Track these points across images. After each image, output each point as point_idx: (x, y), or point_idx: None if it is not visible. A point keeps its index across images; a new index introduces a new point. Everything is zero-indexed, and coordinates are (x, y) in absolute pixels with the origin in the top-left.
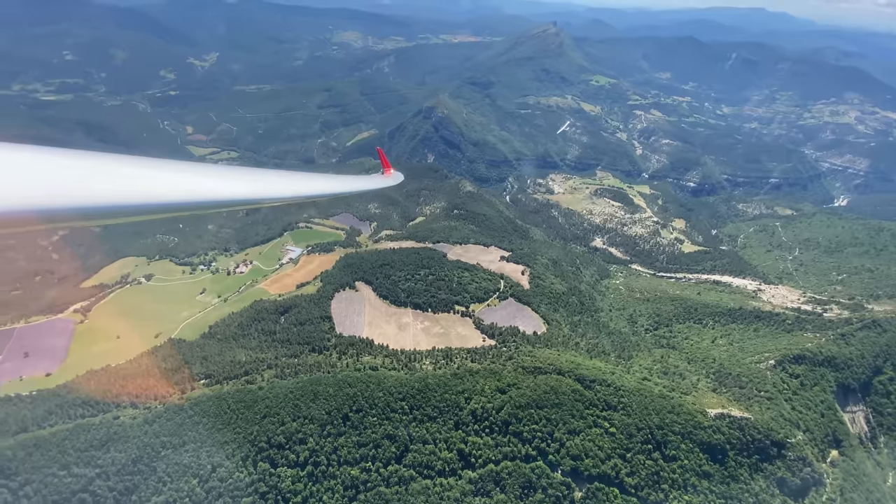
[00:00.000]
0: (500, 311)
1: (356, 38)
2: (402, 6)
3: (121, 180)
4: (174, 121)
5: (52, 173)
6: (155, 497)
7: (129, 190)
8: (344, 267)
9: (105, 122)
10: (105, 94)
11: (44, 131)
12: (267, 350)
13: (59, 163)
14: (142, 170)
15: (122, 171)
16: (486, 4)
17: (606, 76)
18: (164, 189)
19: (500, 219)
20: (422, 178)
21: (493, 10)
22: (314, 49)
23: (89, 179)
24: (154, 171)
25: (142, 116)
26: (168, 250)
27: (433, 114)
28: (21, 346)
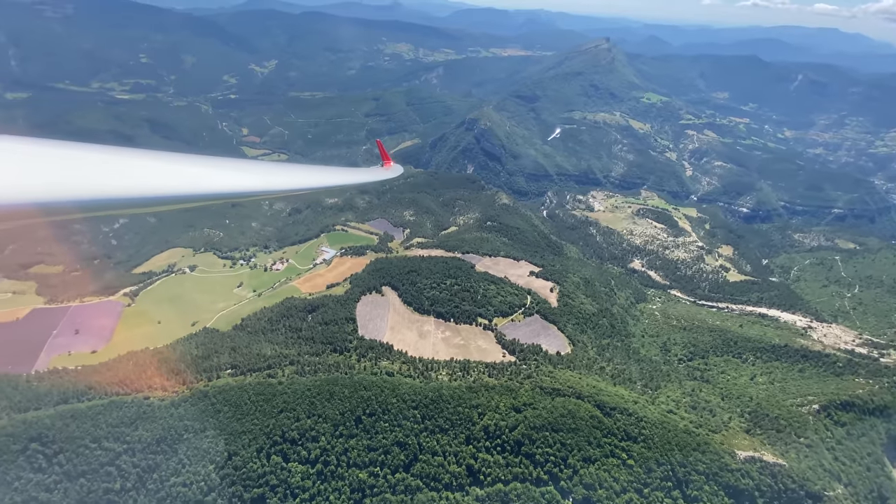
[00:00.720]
0: (524, 327)
1: (407, 49)
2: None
3: (118, 172)
4: (232, 122)
5: (51, 165)
6: (174, 477)
7: (127, 182)
8: (373, 271)
9: (170, 121)
10: (173, 95)
11: (115, 126)
12: (291, 346)
13: (57, 155)
14: (139, 162)
15: (119, 164)
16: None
17: (658, 94)
18: (163, 181)
19: (534, 233)
20: (458, 189)
21: (546, 25)
22: (367, 59)
23: (88, 171)
24: (152, 162)
25: (203, 117)
26: (213, 243)
27: (476, 125)
28: (73, 324)
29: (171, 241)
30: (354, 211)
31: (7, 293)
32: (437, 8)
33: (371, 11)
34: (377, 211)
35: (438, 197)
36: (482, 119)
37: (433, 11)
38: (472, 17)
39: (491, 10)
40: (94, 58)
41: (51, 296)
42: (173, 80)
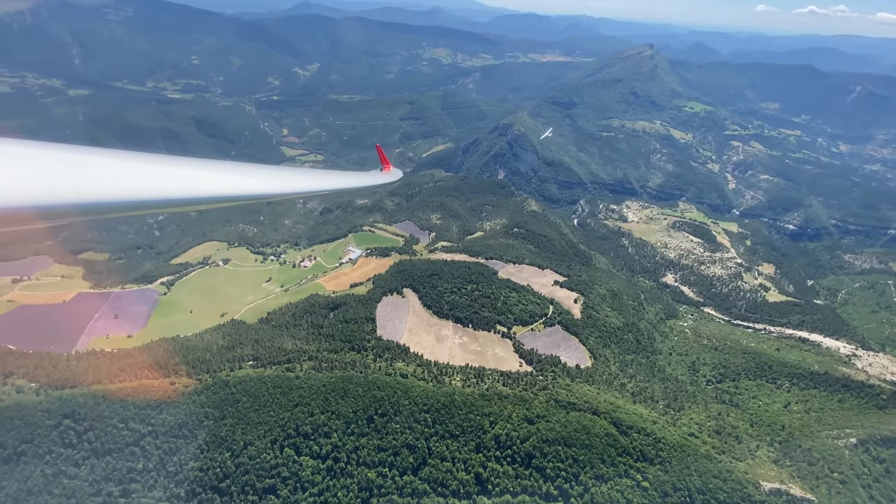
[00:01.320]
0: (544, 337)
1: (446, 54)
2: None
3: (117, 176)
4: (273, 123)
5: (50, 169)
6: (192, 461)
7: (126, 186)
8: (395, 272)
9: (216, 120)
10: (220, 96)
11: (165, 124)
12: (312, 342)
13: (56, 158)
14: (138, 165)
15: (118, 167)
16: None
17: (703, 103)
18: (161, 184)
19: (562, 242)
20: (487, 194)
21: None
22: (405, 64)
23: (87, 175)
24: (151, 166)
25: (247, 117)
26: (247, 239)
27: (509, 131)
28: (113, 308)
29: (209, 235)
30: (383, 212)
31: (56, 276)
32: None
33: (412, 17)
34: (405, 213)
35: (466, 201)
36: (516, 124)
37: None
38: (513, 23)
39: (532, 16)
40: (150, 58)
41: (95, 281)
42: (221, 81)
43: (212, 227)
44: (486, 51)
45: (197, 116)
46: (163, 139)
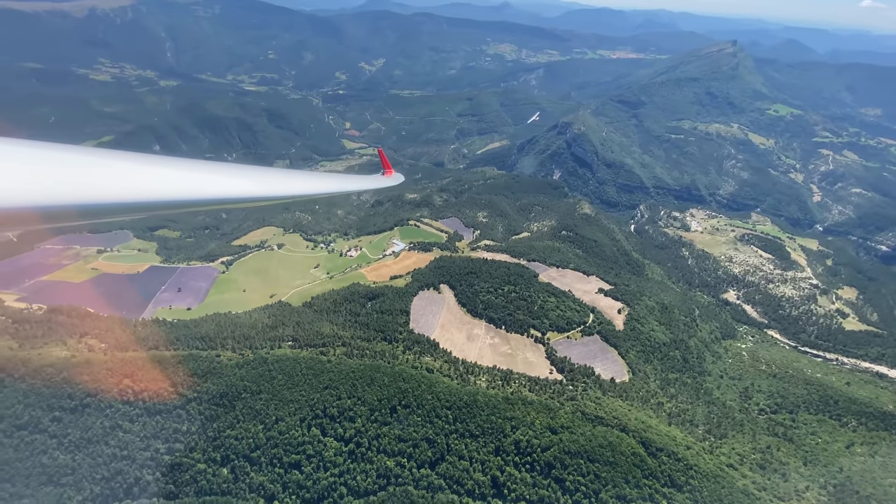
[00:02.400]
0: (580, 346)
1: (510, 50)
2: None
3: (119, 177)
4: (337, 116)
5: (50, 169)
6: (229, 430)
7: (128, 187)
8: (435, 268)
9: (284, 112)
10: (291, 89)
11: (239, 114)
12: (347, 329)
13: (57, 159)
14: (141, 167)
15: (120, 168)
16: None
17: (790, 106)
18: (164, 186)
19: (613, 248)
20: (538, 194)
21: (665, 26)
22: (468, 59)
23: (87, 176)
24: (155, 168)
25: (313, 110)
26: (301, 226)
27: (568, 129)
28: (177, 282)
29: (268, 220)
30: (430, 207)
31: (134, 250)
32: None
33: (479, 12)
34: (452, 209)
35: (516, 201)
36: (576, 123)
37: (542, 12)
38: (584, 18)
39: (606, 11)
40: (231, 53)
41: (166, 256)
42: (293, 75)
43: (271, 214)
44: (552, 47)
45: (268, 108)
46: (236, 128)
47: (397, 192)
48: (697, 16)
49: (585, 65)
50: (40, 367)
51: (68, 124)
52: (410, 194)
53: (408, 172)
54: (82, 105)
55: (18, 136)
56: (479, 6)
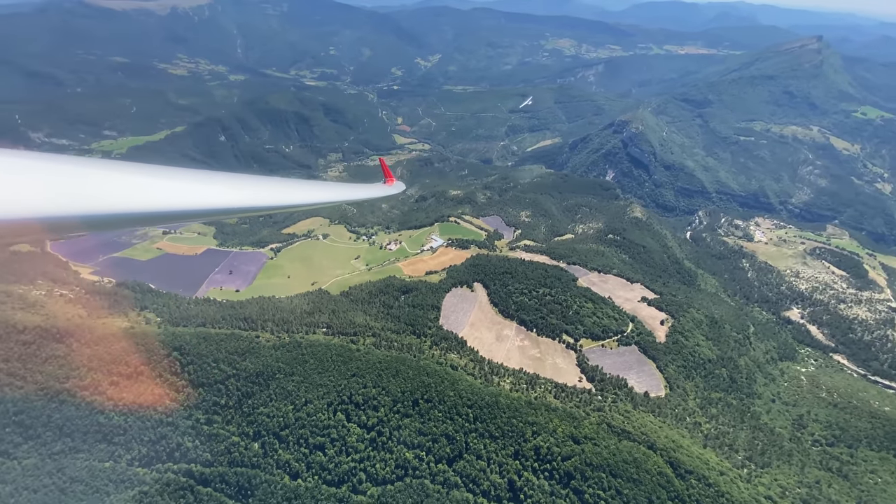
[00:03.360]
0: (615, 356)
1: (569, 45)
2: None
3: (120, 188)
4: (390, 111)
5: (50, 180)
6: (262, 407)
7: (130, 198)
8: (470, 266)
9: (341, 107)
10: (348, 84)
11: (298, 108)
12: (379, 320)
13: (57, 170)
14: (143, 177)
15: (120, 179)
16: (736, 14)
17: (881, 109)
18: (163, 197)
19: (664, 255)
20: (586, 194)
21: (743, 20)
22: (525, 55)
23: (88, 187)
24: (157, 178)
25: (368, 105)
26: (346, 218)
27: (625, 128)
28: (229, 265)
29: (317, 211)
30: (472, 205)
31: (195, 233)
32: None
33: (540, 6)
34: (495, 207)
35: (562, 201)
36: (633, 122)
37: (607, 6)
38: (653, 12)
39: (677, 4)
40: (295, 49)
41: (222, 240)
42: (351, 71)
43: None
44: (614, 42)
45: (325, 103)
46: (294, 122)
47: (441, 188)
48: (781, 9)
49: (649, 61)
50: (103, 336)
51: (146, 115)
52: (454, 191)
53: (454, 169)
54: (160, 97)
55: (104, 125)
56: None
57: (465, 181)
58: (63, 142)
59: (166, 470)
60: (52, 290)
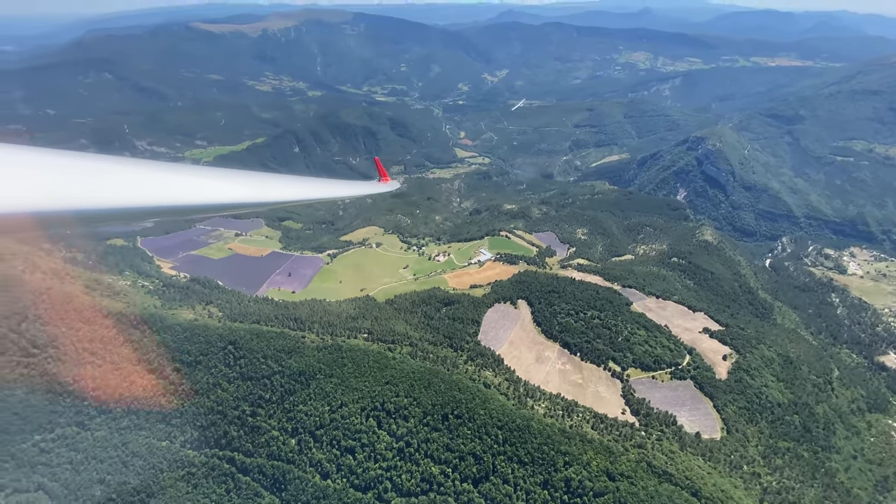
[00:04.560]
0: (666, 390)
1: (644, 58)
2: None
3: (113, 182)
4: (454, 126)
5: (47, 175)
6: (301, 405)
7: (122, 192)
8: (516, 282)
9: (406, 121)
10: (416, 100)
11: (366, 122)
12: (419, 330)
13: (54, 164)
14: (134, 171)
15: (114, 173)
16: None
17: None
18: (162, 192)
19: (735, 283)
20: (652, 214)
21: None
22: (596, 69)
23: (86, 182)
24: (152, 173)
25: (433, 119)
26: (400, 228)
27: (701, 145)
28: (289, 268)
29: (373, 220)
30: (526, 219)
31: (263, 236)
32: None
33: (614, 19)
34: (549, 223)
35: (624, 220)
36: (711, 138)
37: (689, 17)
38: (741, 22)
39: (769, 13)
40: (369, 66)
41: (286, 244)
42: (420, 87)
43: (377, 214)
44: (694, 54)
45: (392, 117)
46: (362, 135)
47: (496, 202)
48: (890, 19)
49: (733, 73)
50: (171, 325)
51: (233, 127)
52: (508, 205)
53: (512, 183)
54: (246, 111)
55: (197, 136)
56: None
57: (522, 195)
58: (161, 150)
59: (213, 455)
60: (136, 281)
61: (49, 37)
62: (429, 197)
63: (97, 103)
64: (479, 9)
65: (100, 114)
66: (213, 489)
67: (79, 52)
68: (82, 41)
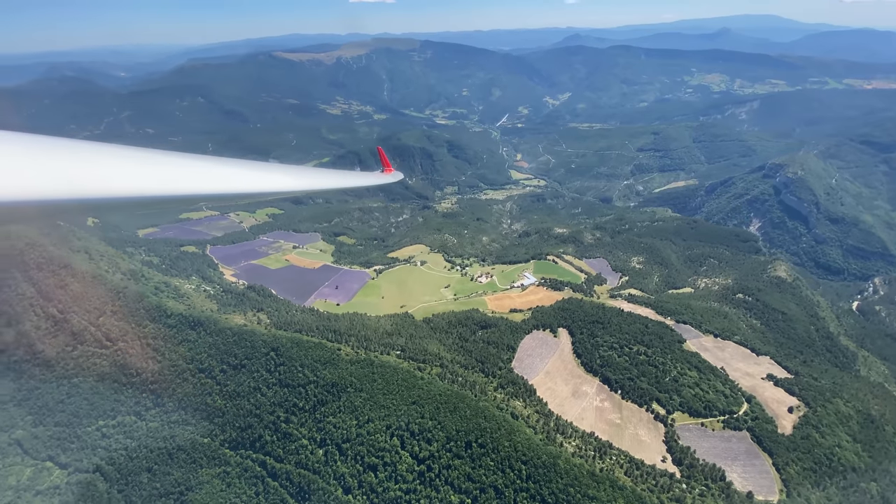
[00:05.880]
0: (716, 440)
1: (719, 80)
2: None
3: (120, 171)
4: (510, 148)
5: (48, 162)
6: (331, 417)
7: (123, 180)
8: (558, 309)
9: (463, 143)
10: (475, 123)
11: (424, 144)
12: (452, 352)
13: (54, 152)
14: (140, 160)
15: (121, 162)
16: None
17: None
18: (163, 180)
19: (810, 326)
20: (718, 244)
21: None
22: (665, 91)
23: (85, 169)
24: (153, 161)
25: (489, 142)
26: (446, 247)
27: (780, 172)
28: (337, 281)
29: (421, 238)
30: (577, 244)
31: (317, 249)
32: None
33: (688, 41)
34: (602, 249)
35: (686, 250)
36: (791, 165)
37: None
38: (832, 42)
39: (865, 32)
40: (432, 91)
41: (337, 258)
42: (480, 110)
43: (425, 232)
44: (777, 76)
45: (449, 139)
46: (419, 156)
47: (547, 225)
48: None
49: (821, 96)
50: (223, 328)
51: (303, 147)
52: (560, 228)
53: (567, 206)
54: (315, 133)
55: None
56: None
57: (576, 220)
58: None
59: (247, 456)
60: (199, 285)
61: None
62: (478, 217)
63: (189, 124)
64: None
65: (189, 133)
66: (245, 490)
67: (179, 78)
68: (182, 68)
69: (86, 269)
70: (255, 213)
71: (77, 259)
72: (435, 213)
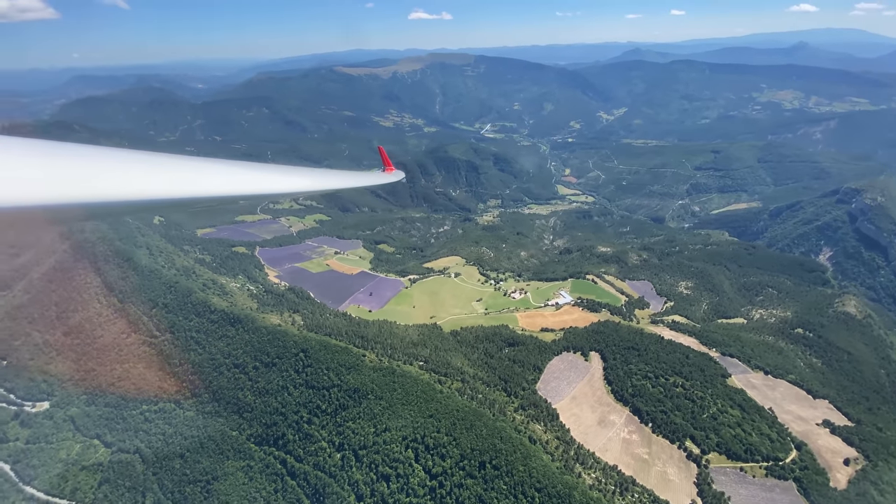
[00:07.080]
0: (756, 488)
1: (792, 97)
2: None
3: (116, 174)
4: (559, 163)
5: (49, 167)
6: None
7: (125, 185)
8: (593, 332)
9: (510, 157)
10: (524, 137)
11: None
12: (475, 367)
13: (55, 157)
14: (140, 165)
15: (118, 166)
16: None
17: None
18: (161, 184)
19: (879, 371)
20: (778, 273)
21: None
22: (730, 108)
23: (87, 174)
24: (151, 166)
25: (537, 156)
26: (482, 260)
27: (856, 198)
28: (372, 288)
29: (457, 250)
30: (621, 265)
31: (357, 256)
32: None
33: (759, 56)
34: (648, 271)
35: (741, 277)
36: (870, 190)
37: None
38: None
39: None
40: (483, 105)
41: (375, 266)
42: (530, 124)
43: (462, 245)
44: (859, 93)
45: (496, 153)
46: (465, 169)
47: (591, 243)
48: None
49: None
50: (259, 327)
51: (355, 157)
52: (603, 247)
53: (615, 224)
54: (367, 143)
55: (323, 163)
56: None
57: (623, 239)
58: None
59: (269, 453)
60: (244, 284)
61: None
62: (518, 232)
63: (253, 133)
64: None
65: (252, 141)
66: (265, 486)
67: (247, 90)
68: (251, 81)
69: (145, 264)
70: (304, 218)
71: (139, 254)
72: (475, 225)
